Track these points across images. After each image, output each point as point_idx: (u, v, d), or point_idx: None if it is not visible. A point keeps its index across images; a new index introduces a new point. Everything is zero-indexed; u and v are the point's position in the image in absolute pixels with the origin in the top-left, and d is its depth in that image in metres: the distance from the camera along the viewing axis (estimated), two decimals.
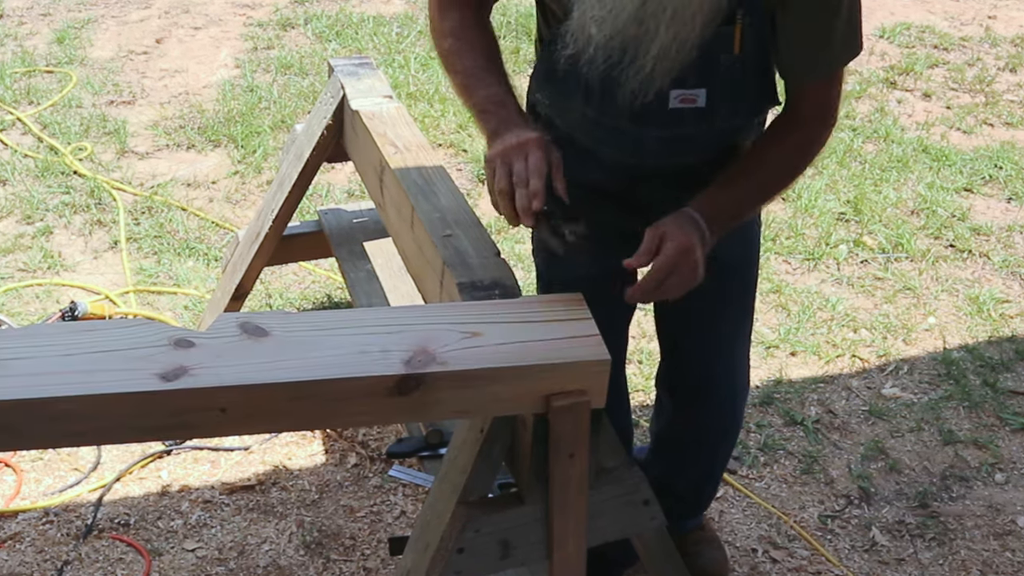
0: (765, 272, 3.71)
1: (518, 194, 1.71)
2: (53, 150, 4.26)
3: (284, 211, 2.79)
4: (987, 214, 4.17)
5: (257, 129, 4.45)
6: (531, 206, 1.70)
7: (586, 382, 1.59)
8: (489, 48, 1.95)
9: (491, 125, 1.82)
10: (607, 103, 1.88)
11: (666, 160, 2.00)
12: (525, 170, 1.71)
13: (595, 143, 1.99)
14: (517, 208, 1.71)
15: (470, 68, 1.91)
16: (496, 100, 1.85)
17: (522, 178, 1.71)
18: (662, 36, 1.73)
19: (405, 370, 1.51)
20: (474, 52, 1.92)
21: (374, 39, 5.36)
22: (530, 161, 1.71)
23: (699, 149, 1.99)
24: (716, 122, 1.93)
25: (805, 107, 1.91)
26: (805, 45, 1.83)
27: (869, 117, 4.82)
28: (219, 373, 1.47)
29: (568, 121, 1.99)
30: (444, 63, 1.97)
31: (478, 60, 1.92)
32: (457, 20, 1.96)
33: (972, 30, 5.81)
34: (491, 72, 1.91)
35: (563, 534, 1.75)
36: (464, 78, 1.91)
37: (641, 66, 1.78)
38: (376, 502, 2.77)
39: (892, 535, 2.76)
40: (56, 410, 1.42)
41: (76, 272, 3.60)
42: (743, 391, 2.41)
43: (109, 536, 2.64)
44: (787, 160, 1.92)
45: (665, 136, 1.91)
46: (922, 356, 3.40)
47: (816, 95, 1.90)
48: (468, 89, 1.89)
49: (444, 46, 1.96)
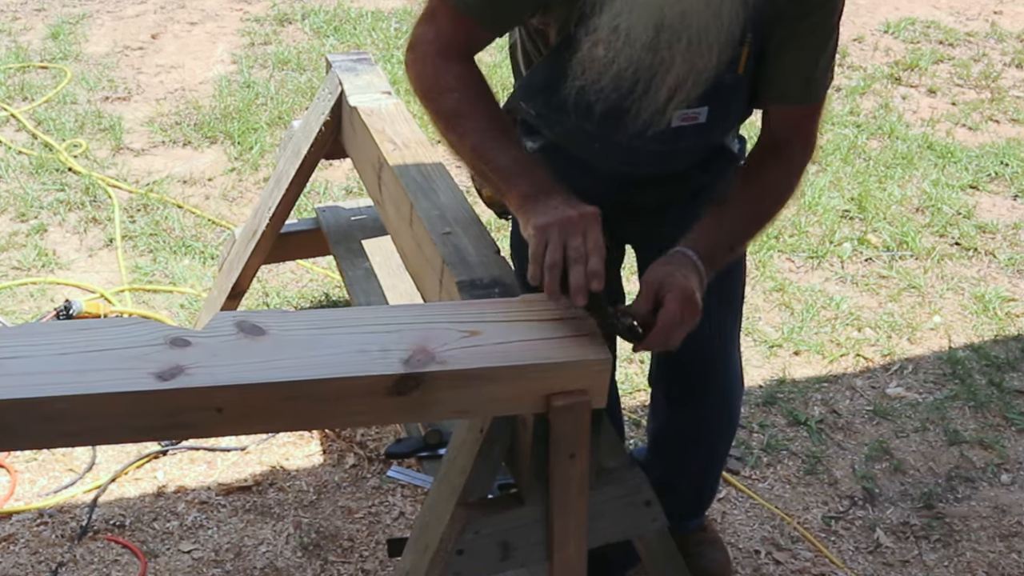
0: (768, 270, 3.71)
1: (574, 272, 1.60)
2: (47, 147, 4.26)
3: (281, 208, 2.79)
4: (993, 211, 4.17)
5: (254, 126, 4.45)
6: (588, 286, 1.60)
7: (587, 381, 1.59)
8: (494, 104, 1.83)
9: (524, 189, 1.71)
10: (610, 125, 1.88)
11: (660, 168, 2.01)
12: (584, 246, 1.61)
13: (588, 154, 1.99)
14: (572, 286, 1.61)
15: (484, 129, 1.78)
16: (525, 164, 1.75)
17: (580, 254, 1.61)
18: (678, 67, 1.71)
19: (404, 369, 1.51)
20: (484, 110, 1.81)
21: (372, 34, 5.35)
22: (589, 238, 1.62)
23: (693, 157, 2.01)
24: (714, 135, 1.96)
25: (789, 134, 1.91)
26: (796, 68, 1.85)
27: (873, 113, 4.81)
28: (215, 372, 1.47)
29: (559, 133, 1.98)
30: (446, 125, 1.81)
31: (490, 120, 1.80)
32: (459, 72, 1.82)
33: (978, 25, 5.81)
34: (505, 132, 1.80)
35: (564, 535, 1.75)
36: (477, 140, 1.78)
37: (655, 99, 1.76)
38: (374, 503, 2.77)
39: (897, 536, 2.76)
40: (51, 410, 1.42)
41: (71, 270, 3.60)
42: (739, 387, 2.42)
43: (104, 537, 2.64)
44: (777, 189, 1.92)
45: (664, 150, 1.92)
46: (927, 355, 3.41)
47: (802, 120, 1.91)
48: (484, 153, 1.77)
49: (445, 105, 1.81)
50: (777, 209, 1.93)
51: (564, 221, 1.63)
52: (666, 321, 1.66)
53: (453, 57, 1.83)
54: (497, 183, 1.76)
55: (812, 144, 1.94)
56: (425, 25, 1.85)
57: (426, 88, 1.84)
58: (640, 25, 1.68)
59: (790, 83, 1.87)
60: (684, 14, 1.67)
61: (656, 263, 1.73)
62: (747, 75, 1.86)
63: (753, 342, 3.39)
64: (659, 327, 1.66)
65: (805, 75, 1.86)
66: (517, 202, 1.72)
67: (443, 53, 1.82)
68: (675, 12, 1.66)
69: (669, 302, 1.66)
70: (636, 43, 1.70)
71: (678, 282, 1.68)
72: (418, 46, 1.85)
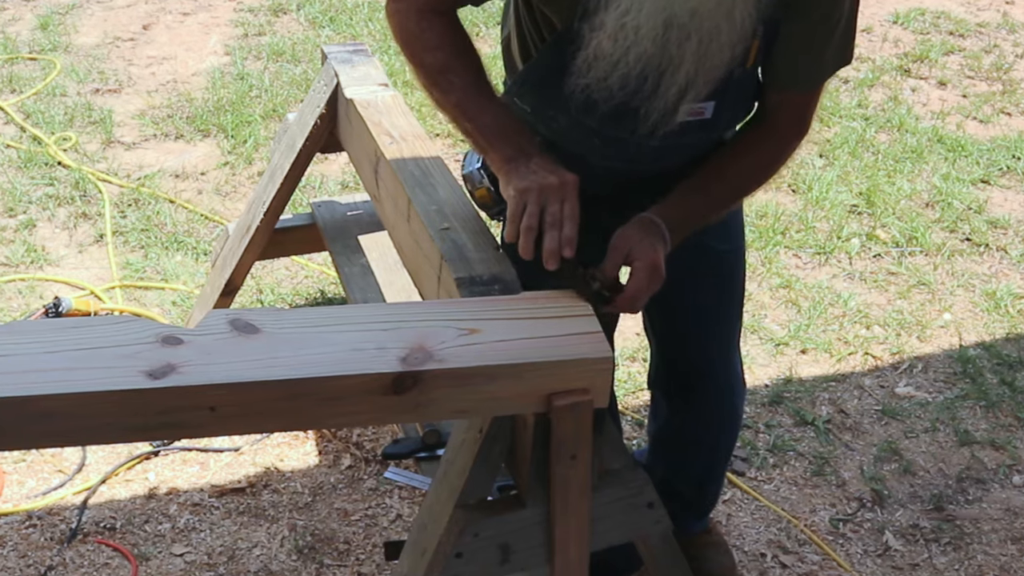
0: (774, 266, 3.71)
1: (549, 236, 1.70)
2: (36, 140, 4.26)
3: (276, 203, 2.79)
4: (1005, 206, 4.17)
5: (248, 118, 4.45)
6: (561, 251, 1.70)
7: (589, 381, 1.59)
8: (478, 60, 1.88)
9: (506, 151, 1.79)
10: (616, 123, 1.88)
11: (660, 164, 2.02)
12: (560, 212, 1.71)
13: (586, 150, 1.99)
14: (545, 249, 1.70)
15: (468, 86, 1.84)
16: (508, 125, 1.82)
17: (556, 219, 1.70)
18: (687, 65, 1.72)
19: (401, 368, 1.51)
20: (468, 67, 1.85)
21: (369, 25, 5.35)
22: (566, 206, 1.71)
23: (694, 152, 2.01)
24: (718, 130, 1.96)
25: (783, 117, 1.93)
26: (799, 55, 1.85)
27: (882, 106, 4.81)
28: (208, 371, 1.47)
29: (555, 130, 1.97)
30: (429, 80, 1.87)
31: (474, 76, 1.85)
32: (442, 29, 1.87)
33: (989, 15, 5.81)
34: (489, 90, 1.86)
35: (565, 538, 1.75)
36: (461, 97, 1.84)
37: (664, 98, 1.77)
38: (371, 505, 2.77)
39: (906, 539, 2.76)
40: (40, 409, 1.42)
41: (60, 267, 3.60)
42: (741, 386, 2.42)
43: (94, 540, 2.64)
44: (757, 170, 1.96)
45: (665, 145, 1.92)
46: (937, 354, 3.41)
47: (797, 105, 1.93)
48: (468, 110, 1.84)
49: (430, 60, 1.86)
50: (756, 187, 1.99)
51: (544, 187, 1.71)
52: (633, 289, 1.76)
53: (436, 11, 1.87)
54: (480, 142, 1.83)
55: (805, 127, 1.96)
56: None
57: (407, 41, 1.89)
58: (649, 22, 1.68)
59: (793, 72, 1.87)
60: (695, 12, 1.67)
61: (625, 227, 1.81)
62: (755, 68, 1.86)
63: (759, 340, 3.39)
64: (627, 295, 1.76)
65: (809, 65, 1.86)
66: (499, 163, 1.80)
67: (425, 6, 1.86)
68: (685, 10, 1.66)
69: (637, 271, 1.76)
70: (644, 41, 1.69)
71: (646, 252, 1.77)
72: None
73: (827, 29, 1.83)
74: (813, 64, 1.86)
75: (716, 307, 2.27)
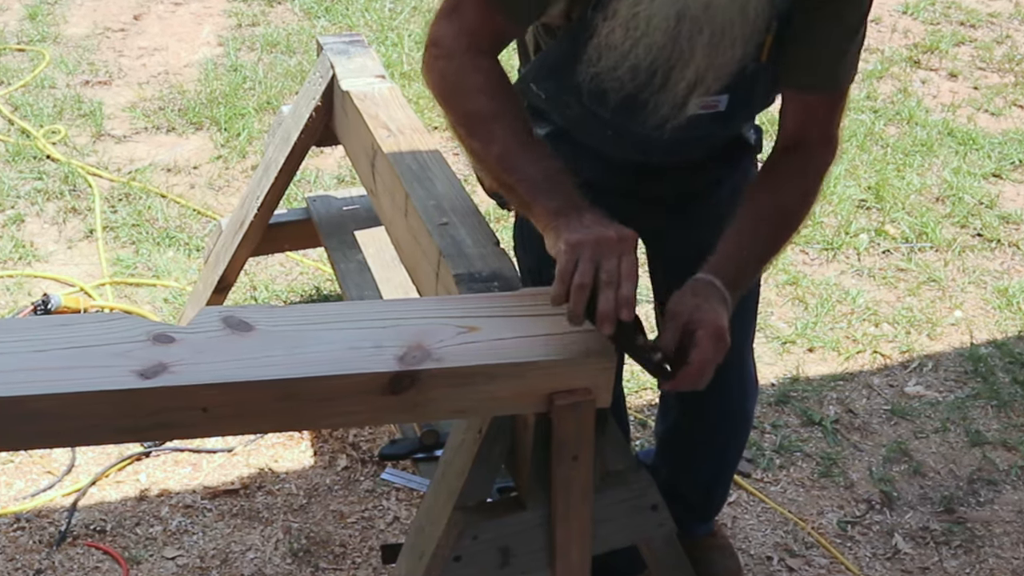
0: (781, 263, 3.71)
1: (604, 296, 1.55)
2: (24, 133, 4.26)
3: (270, 198, 2.79)
4: (1017, 201, 4.16)
5: (241, 111, 4.45)
6: (618, 314, 1.55)
7: (591, 380, 1.59)
8: (521, 108, 1.79)
9: (555, 204, 1.65)
10: (626, 114, 1.87)
11: (674, 157, 2.01)
12: (618, 270, 1.56)
13: (600, 141, 1.98)
14: (600, 311, 1.55)
15: (511, 136, 1.73)
16: (556, 177, 1.69)
17: (613, 278, 1.55)
18: (698, 60, 1.71)
19: (398, 367, 1.51)
20: (512, 116, 1.75)
21: (365, 15, 5.35)
22: (624, 263, 1.56)
23: (708, 145, 2.01)
24: (733, 124, 1.96)
25: (810, 135, 1.89)
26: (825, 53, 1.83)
27: (891, 98, 4.81)
28: (201, 370, 1.47)
29: (570, 118, 1.97)
30: (468, 130, 1.76)
31: (519, 126, 1.74)
32: (487, 74, 1.77)
33: (1001, 5, 5.80)
34: (533, 140, 1.75)
35: (566, 541, 1.75)
36: (505, 148, 1.72)
37: (673, 92, 1.76)
38: (368, 507, 2.77)
39: (916, 542, 2.76)
40: (28, 409, 1.42)
41: (49, 263, 3.60)
42: (753, 388, 2.43)
43: (84, 543, 2.64)
44: (799, 198, 1.88)
45: (679, 137, 1.92)
46: (947, 352, 3.41)
47: (822, 113, 1.89)
48: (511, 162, 1.71)
49: (472, 108, 1.76)
50: (800, 220, 1.88)
51: (600, 240, 1.57)
52: (700, 361, 1.63)
53: (480, 54, 1.77)
54: (523, 195, 1.70)
55: (833, 143, 1.91)
56: (446, 21, 1.80)
57: (451, 88, 1.78)
58: (661, 12, 1.68)
59: (813, 68, 1.85)
60: (708, 5, 1.67)
61: (680, 293, 1.70)
62: (770, 62, 1.85)
63: (765, 338, 3.39)
64: (694, 367, 1.62)
65: (829, 60, 1.85)
66: (546, 217, 1.66)
67: (469, 50, 1.77)
68: (699, 3, 1.67)
69: (702, 340, 1.62)
70: (655, 32, 1.69)
71: (708, 317, 1.64)
72: (440, 43, 1.79)
73: (848, 27, 1.82)
74: (835, 62, 1.85)
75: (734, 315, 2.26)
